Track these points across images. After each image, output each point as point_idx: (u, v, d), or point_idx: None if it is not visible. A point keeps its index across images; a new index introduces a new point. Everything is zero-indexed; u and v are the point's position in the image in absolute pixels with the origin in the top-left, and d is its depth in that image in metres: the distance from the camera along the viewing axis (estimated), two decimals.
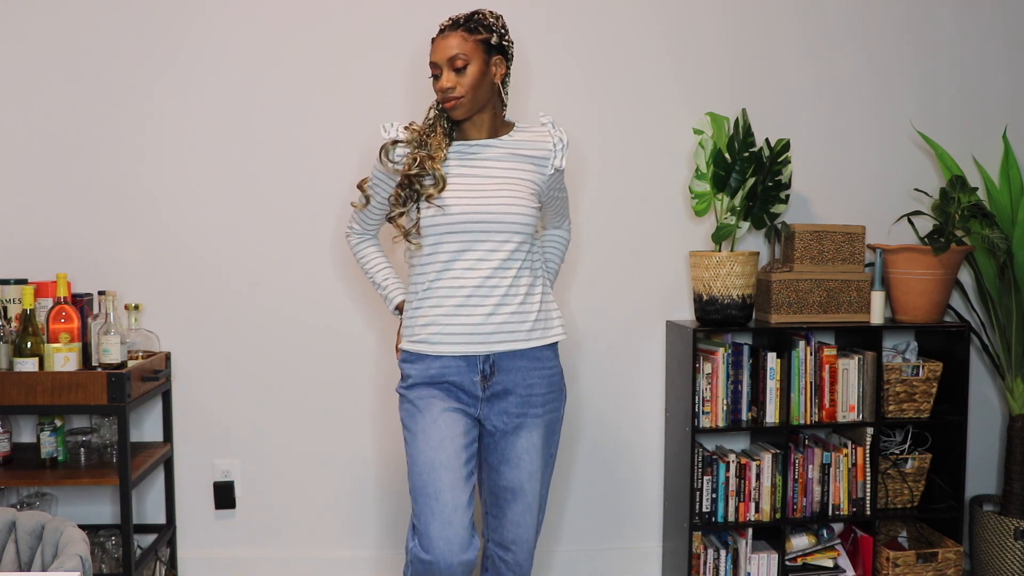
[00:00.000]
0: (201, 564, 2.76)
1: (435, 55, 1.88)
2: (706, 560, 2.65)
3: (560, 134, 1.97)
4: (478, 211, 1.85)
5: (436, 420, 1.86)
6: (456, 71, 1.86)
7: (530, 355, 1.92)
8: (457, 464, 1.83)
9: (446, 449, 1.83)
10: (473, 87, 1.87)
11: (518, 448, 1.92)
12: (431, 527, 1.79)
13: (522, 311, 1.89)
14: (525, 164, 1.94)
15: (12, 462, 2.48)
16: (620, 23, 2.77)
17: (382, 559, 2.79)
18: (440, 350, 1.87)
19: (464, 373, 1.88)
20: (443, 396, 1.89)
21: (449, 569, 1.78)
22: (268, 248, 2.72)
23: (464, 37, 1.86)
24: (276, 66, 2.68)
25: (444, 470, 1.82)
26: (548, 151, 1.95)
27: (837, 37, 2.85)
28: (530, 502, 1.94)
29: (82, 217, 2.66)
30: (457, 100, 1.87)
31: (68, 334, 2.33)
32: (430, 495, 1.81)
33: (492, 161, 1.92)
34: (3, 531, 1.70)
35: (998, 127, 2.88)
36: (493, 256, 1.86)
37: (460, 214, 1.85)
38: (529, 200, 1.90)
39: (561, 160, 1.96)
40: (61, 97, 2.64)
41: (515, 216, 1.86)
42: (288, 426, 2.76)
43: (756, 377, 2.65)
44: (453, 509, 1.80)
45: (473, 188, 1.88)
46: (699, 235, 2.83)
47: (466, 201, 1.86)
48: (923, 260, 2.66)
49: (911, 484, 2.76)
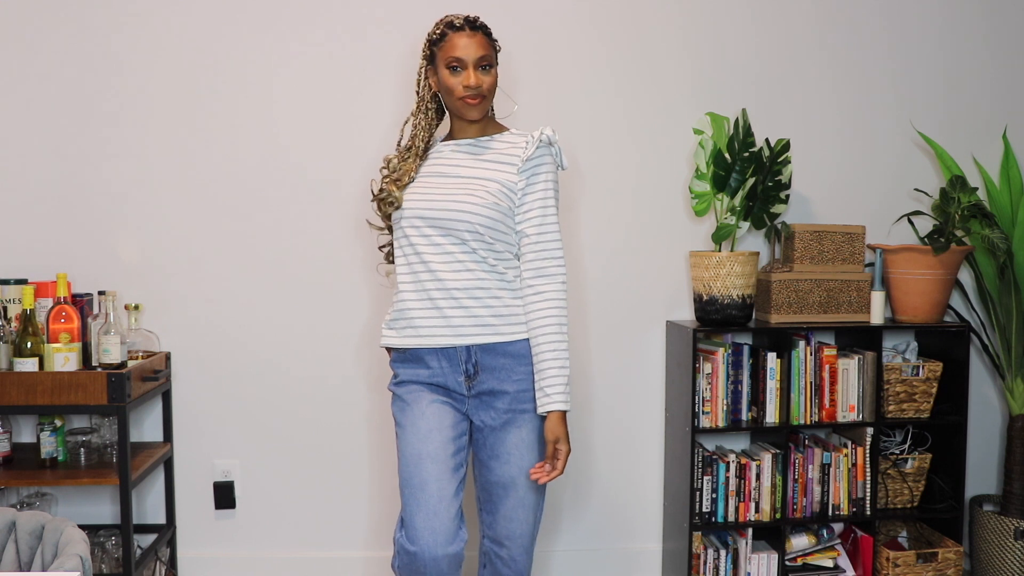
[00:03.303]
0: (201, 564, 2.76)
1: (460, 51, 1.86)
2: (706, 560, 2.65)
3: (543, 132, 1.90)
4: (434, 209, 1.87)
5: (424, 412, 1.88)
6: (482, 69, 1.88)
7: (512, 350, 1.90)
8: (444, 456, 1.85)
9: (433, 441, 1.85)
10: (492, 89, 1.91)
11: (507, 444, 1.92)
12: (416, 518, 1.80)
13: (489, 307, 1.88)
14: (497, 163, 1.91)
15: (12, 462, 2.48)
16: (620, 23, 2.77)
17: (382, 559, 2.79)
18: (410, 343, 1.91)
19: (449, 374, 1.91)
20: (431, 390, 1.92)
21: (434, 561, 1.78)
22: (268, 248, 2.72)
23: (486, 40, 1.89)
24: (278, 67, 2.68)
25: (430, 461, 1.83)
26: (523, 147, 1.90)
27: (837, 37, 2.85)
28: (522, 496, 1.94)
29: (82, 217, 2.66)
30: (481, 99, 1.89)
31: (68, 334, 2.33)
32: (416, 486, 1.83)
33: (468, 160, 1.93)
34: (3, 531, 1.70)
35: (998, 127, 2.88)
36: (453, 250, 1.87)
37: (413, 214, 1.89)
38: (486, 197, 1.85)
39: (530, 149, 1.87)
40: (61, 97, 2.64)
41: (466, 213, 1.85)
42: (288, 426, 2.76)
43: (756, 377, 2.65)
44: (439, 500, 1.81)
45: (439, 188, 1.90)
46: (699, 235, 2.83)
47: (425, 200, 1.89)
48: (923, 260, 2.66)
49: (911, 484, 2.76)
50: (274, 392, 2.75)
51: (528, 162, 1.89)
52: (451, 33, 1.87)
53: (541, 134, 1.90)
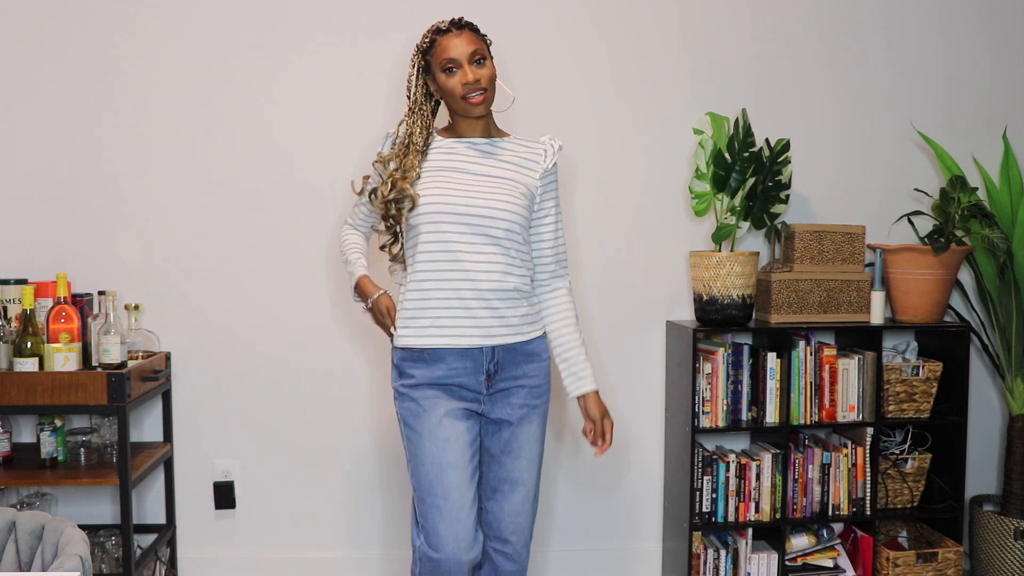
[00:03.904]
0: (201, 564, 2.76)
1: (452, 51, 1.87)
2: (706, 560, 2.65)
3: (555, 141, 2.00)
4: (469, 205, 1.87)
5: (441, 421, 1.88)
6: (477, 63, 1.88)
7: (528, 349, 1.95)
8: (463, 463, 1.87)
9: (453, 449, 1.87)
10: (492, 81, 1.91)
11: (520, 439, 1.95)
12: (440, 526, 1.83)
13: (516, 308, 1.91)
14: (517, 167, 1.96)
15: (12, 462, 2.48)
16: (620, 23, 2.77)
17: (382, 559, 2.79)
18: (432, 343, 1.89)
19: (470, 374, 1.90)
20: (447, 396, 1.90)
21: (459, 566, 1.84)
22: (268, 248, 2.72)
23: (474, 36, 1.90)
24: (278, 68, 2.68)
25: (452, 469, 1.85)
26: (541, 154, 1.99)
27: (837, 37, 2.85)
28: (528, 491, 1.98)
29: (82, 217, 2.66)
30: (484, 93, 1.89)
31: (68, 334, 2.33)
32: (438, 495, 1.85)
33: (487, 160, 1.94)
34: (3, 531, 1.70)
35: (998, 127, 2.88)
36: (486, 250, 1.88)
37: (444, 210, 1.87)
38: (518, 199, 1.91)
39: (550, 160, 1.98)
40: (61, 97, 2.64)
41: (503, 212, 1.88)
42: (288, 426, 2.76)
43: (756, 377, 2.65)
44: (460, 508, 1.84)
45: (464, 184, 1.89)
46: (699, 235, 2.83)
47: (455, 196, 1.88)
48: (923, 260, 2.66)
49: (911, 484, 2.76)
50: (274, 392, 2.75)
51: (549, 170, 1.99)
52: (440, 38, 1.89)
53: (555, 143, 1.99)
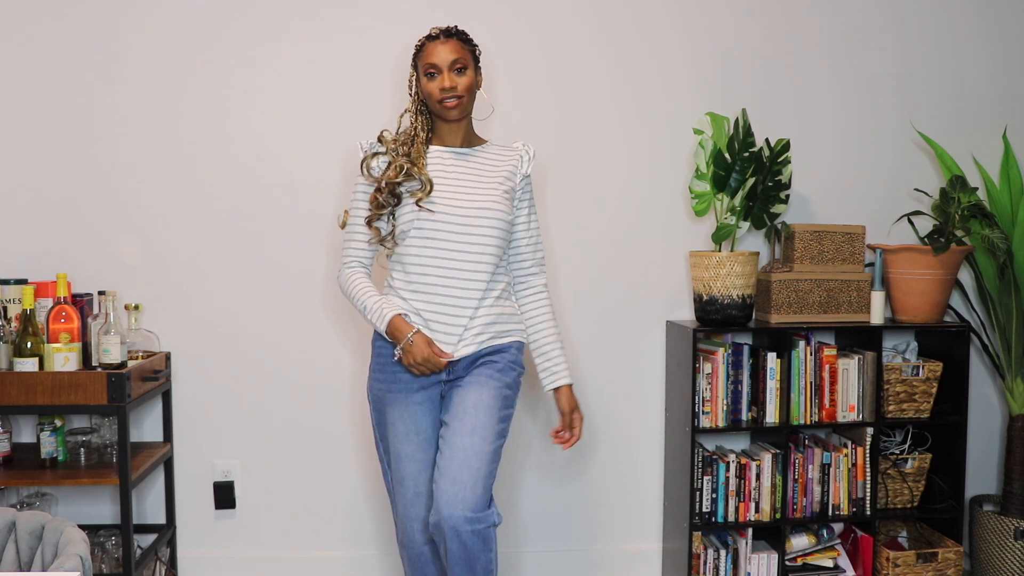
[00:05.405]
0: (201, 564, 2.76)
1: (435, 57, 1.97)
2: (706, 560, 2.65)
3: (528, 148, 2.11)
4: (465, 211, 1.95)
5: (402, 415, 1.99)
6: (457, 72, 1.97)
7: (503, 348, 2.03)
8: (422, 456, 1.99)
9: (411, 442, 1.99)
10: (469, 89, 2.00)
11: (467, 403, 1.95)
12: (397, 508, 2.02)
13: (498, 307, 2.01)
14: (498, 171, 2.05)
15: (12, 462, 2.48)
16: (621, 24, 2.77)
17: (382, 559, 2.79)
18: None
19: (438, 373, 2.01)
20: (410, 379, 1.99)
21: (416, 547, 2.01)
22: (269, 248, 2.72)
23: (460, 45, 1.99)
24: (279, 68, 2.68)
25: (408, 461, 1.99)
26: (517, 160, 2.09)
27: (837, 37, 2.85)
28: (469, 456, 1.87)
29: (82, 217, 2.66)
30: (459, 100, 1.98)
31: (68, 334, 2.33)
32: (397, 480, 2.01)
33: (471, 166, 2.03)
34: (3, 531, 1.70)
35: (998, 127, 2.88)
36: (476, 256, 1.96)
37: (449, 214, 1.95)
38: (502, 203, 2.00)
39: (528, 166, 2.08)
40: (61, 98, 2.64)
41: (491, 213, 1.97)
42: (288, 426, 2.76)
43: (756, 377, 2.65)
44: (415, 495, 1.98)
45: (457, 190, 1.98)
46: (699, 235, 2.83)
47: (452, 201, 1.96)
48: (923, 260, 2.66)
49: (911, 484, 2.76)
50: (274, 392, 2.75)
51: (526, 175, 2.09)
52: (428, 43, 2.00)
53: (529, 149, 2.10)
